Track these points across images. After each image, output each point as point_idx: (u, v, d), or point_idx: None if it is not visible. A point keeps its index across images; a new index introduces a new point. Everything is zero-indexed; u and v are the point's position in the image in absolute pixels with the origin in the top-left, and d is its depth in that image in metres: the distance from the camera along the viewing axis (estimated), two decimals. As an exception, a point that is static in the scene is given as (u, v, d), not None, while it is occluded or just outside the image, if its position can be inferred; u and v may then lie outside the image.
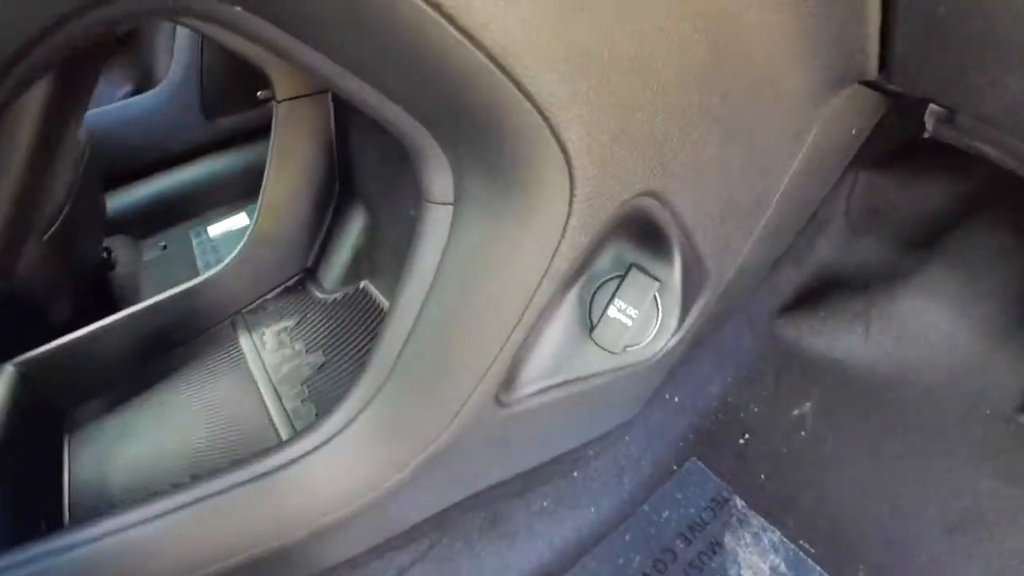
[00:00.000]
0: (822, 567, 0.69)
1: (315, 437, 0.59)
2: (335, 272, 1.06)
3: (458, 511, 0.72)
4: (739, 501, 0.75)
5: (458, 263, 0.49)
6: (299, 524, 0.60)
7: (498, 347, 0.51)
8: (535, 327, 0.53)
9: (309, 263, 1.10)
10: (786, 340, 0.82)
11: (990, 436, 0.67)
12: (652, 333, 0.59)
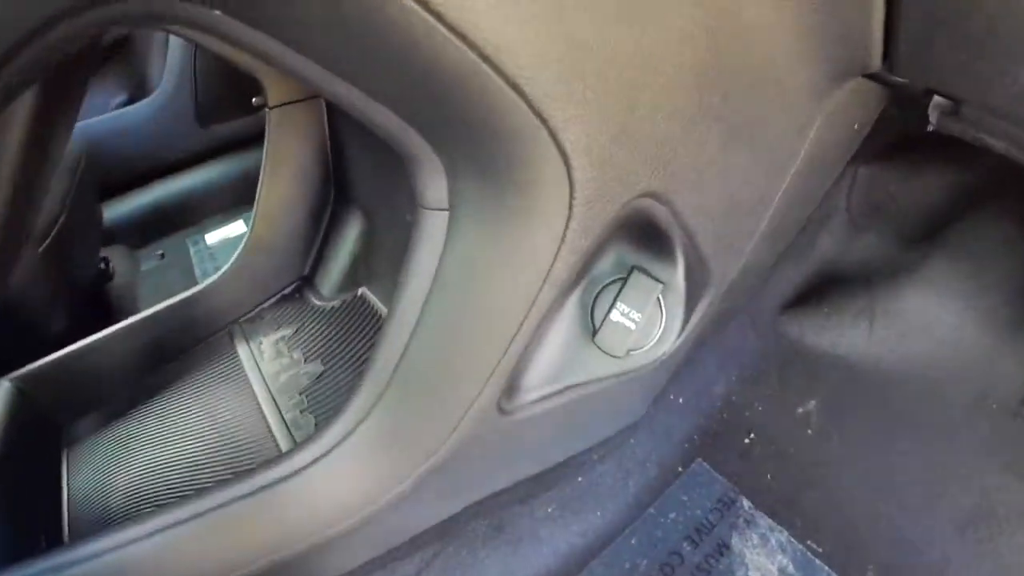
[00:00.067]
0: (830, 567, 0.68)
1: (315, 449, 0.58)
2: (332, 279, 1.06)
3: (462, 519, 0.72)
4: (745, 502, 0.75)
5: (455, 270, 0.48)
6: (300, 537, 0.59)
7: (499, 354, 0.51)
8: (536, 333, 0.52)
9: (306, 270, 1.09)
10: (789, 338, 0.81)
11: (997, 431, 0.66)
12: (656, 336, 0.58)
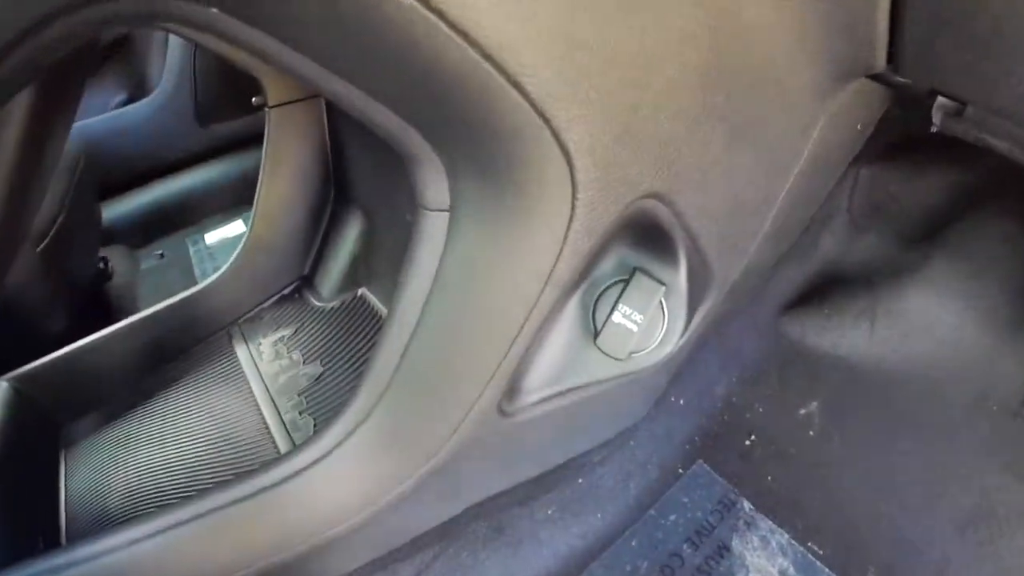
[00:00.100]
0: (831, 569, 0.68)
1: (314, 450, 0.58)
2: (332, 279, 1.05)
3: (462, 521, 0.71)
4: (746, 504, 0.74)
5: (456, 271, 0.48)
6: (300, 538, 0.59)
7: (500, 356, 0.50)
8: (537, 335, 0.52)
9: (306, 270, 1.09)
10: (791, 339, 0.81)
11: (997, 431, 0.66)
12: (658, 338, 0.58)
